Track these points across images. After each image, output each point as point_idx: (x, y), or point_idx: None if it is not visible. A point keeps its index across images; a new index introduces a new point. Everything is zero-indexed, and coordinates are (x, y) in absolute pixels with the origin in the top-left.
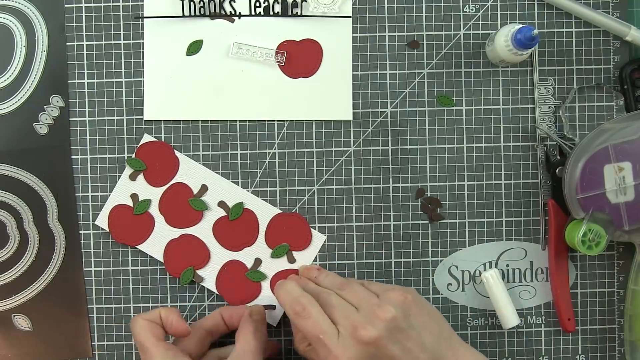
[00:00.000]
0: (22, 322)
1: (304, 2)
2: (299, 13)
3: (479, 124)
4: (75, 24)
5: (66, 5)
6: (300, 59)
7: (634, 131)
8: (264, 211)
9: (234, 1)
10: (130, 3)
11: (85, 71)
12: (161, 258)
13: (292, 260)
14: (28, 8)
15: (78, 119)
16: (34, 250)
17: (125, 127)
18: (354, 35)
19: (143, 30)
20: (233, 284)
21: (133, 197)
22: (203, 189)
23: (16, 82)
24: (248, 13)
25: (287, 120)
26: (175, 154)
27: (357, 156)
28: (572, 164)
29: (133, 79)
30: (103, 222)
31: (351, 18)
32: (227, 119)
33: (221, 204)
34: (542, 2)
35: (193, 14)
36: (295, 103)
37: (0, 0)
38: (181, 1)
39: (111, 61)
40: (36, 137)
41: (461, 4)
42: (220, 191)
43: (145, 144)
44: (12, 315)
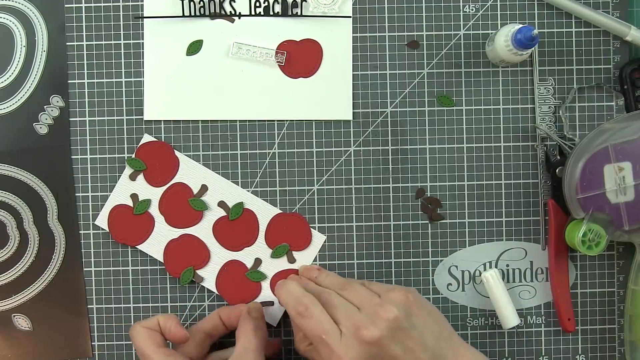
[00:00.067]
0: (22, 322)
1: (304, 2)
2: (299, 13)
3: (479, 124)
4: (75, 24)
5: (66, 5)
6: (300, 59)
7: (634, 131)
8: (264, 211)
9: (234, 1)
10: (130, 3)
11: (85, 71)
12: (161, 258)
13: (292, 260)
14: (28, 8)
15: (78, 119)
16: (34, 250)
17: (125, 127)
18: (354, 35)
19: (143, 30)
20: (233, 284)
21: (133, 197)
22: (203, 189)
23: (16, 82)
24: (248, 13)
25: (287, 120)
26: (175, 154)
27: (357, 156)
28: (572, 164)
29: (133, 79)
30: (103, 222)
31: (351, 18)
32: (227, 119)
33: (221, 204)
34: (542, 2)
35: (193, 14)
36: (295, 103)
37: (0, 0)
38: (181, 1)
39: (111, 61)
40: (36, 137)
41: (461, 4)
42: (220, 191)
43: (145, 144)
44: (12, 315)
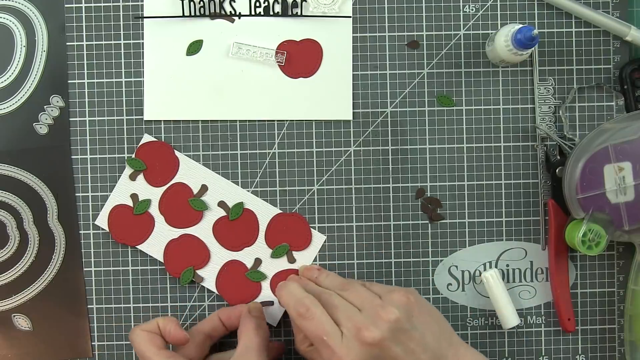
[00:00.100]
0: (22, 322)
1: (304, 2)
2: (299, 13)
3: (479, 124)
4: (75, 24)
5: (66, 5)
6: (300, 59)
7: (634, 131)
8: (264, 211)
9: (234, 1)
10: (130, 3)
11: (85, 71)
12: (161, 258)
13: (292, 260)
14: (28, 8)
15: (78, 119)
16: (34, 250)
17: (125, 127)
18: (354, 35)
19: (143, 30)
20: (233, 284)
21: (133, 197)
22: (203, 189)
23: (16, 82)
24: (248, 13)
25: (287, 120)
26: (175, 154)
27: (357, 156)
28: (572, 164)
29: (133, 79)
30: (103, 222)
31: (351, 18)
32: (227, 119)
33: (221, 204)
34: (542, 2)
35: (193, 14)
36: (295, 103)
37: (0, 0)
38: (181, 1)
39: (111, 61)
40: (36, 137)
41: (461, 4)
42: (220, 191)
43: (145, 144)
44: (12, 315)
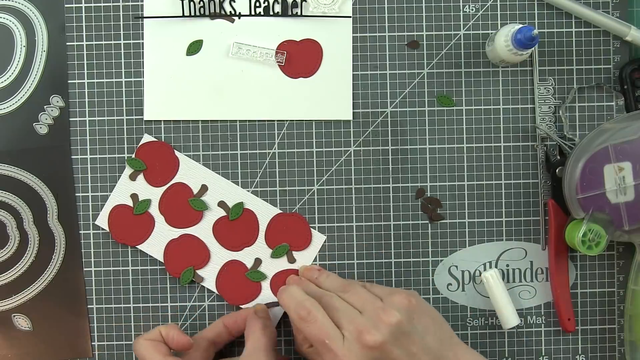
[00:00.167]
0: (22, 322)
1: (304, 2)
2: (299, 13)
3: (479, 124)
4: (75, 24)
5: (66, 5)
6: (300, 59)
7: (634, 131)
8: (264, 211)
9: (234, 1)
10: (130, 3)
11: (85, 71)
12: (161, 258)
13: (292, 260)
14: (28, 8)
15: (78, 119)
16: (34, 250)
17: (125, 127)
18: (354, 35)
19: (143, 30)
20: (233, 284)
21: (133, 197)
22: (203, 189)
23: (16, 82)
24: (248, 13)
25: (287, 120)
26: (175, 154)
27: (357, 156)
28: (572, 164)
29: (133, 79)
30: (103, 222)
31: (351, 18)
32: (227, 119)
33: (221, 204)
34: (542, 2)
35: (193, 14)
36: (295, 103)
37: (0, 0)
38: (181, 1)
39: (111, 61)
40: (36, 137)
41: (461, 4)
42: (220, 191)
43: (145, 144)
44: (12, 315)
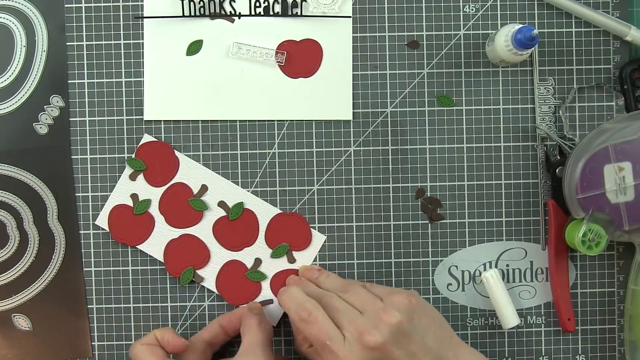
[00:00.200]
0: (22, 322)
1: (304, 2)
2: (299, 13)
3: (479, 124)
4: (75, 24)
5: (66, 5)
6: (300, 59)
7: (634, 131)
8: (264, 211)
9: (234, 1)
10: (130, 3)
11: (85, 71)
12: (161, 258)
13: (292, 260)
14: (28, 8)
15: (78, 119)
16: (34, 250)
17: (125, 127)
18: (354, 35)
19: (143, 30)
20: (233, 284)
21: (133, 197)
22: (203, 189)
23: (16, 82)
24: (248, 13)
25: (287, 120)
26: (175, 154)
27: (357, 156)
28: (572, 164)
29: (133, 79)
30: (103, 222)
31: (351, 18)
32: (227, 119)
33: (221, 204)
34: (542, 2)
35: (193, 14)
36: (295, 103)
37: (0, 0)
38: (181, 1)
39: (111, 61)
40: (36, 137)
41: (461, 4)
42: (220, 191)
43: (145, 144)
44: (12, 315)
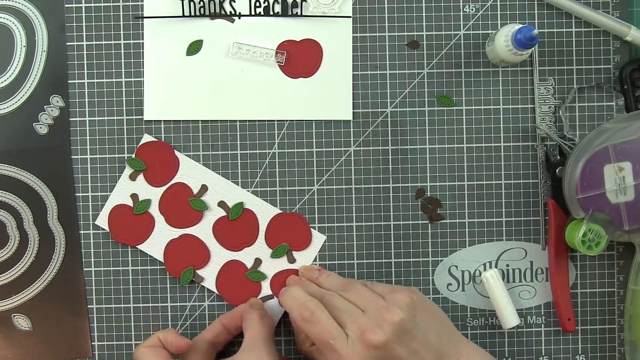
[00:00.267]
0: (22, 322)
1: (304, 2)
2: (299, 13)
3: (479, 124)
4: (75, 24)
5: (66, 5)
6: (300, 59)
7: (634, 131)
8: (264, 211)
9: (234, 1)
10: (130, 3)
11: (85, 71)
12: (161, 258)
13: (292, 260)
14: (28, 8)
15: (78, 119)
16: (34, 250)
17: (125, 127)
18: (354, 35)
19: (143, 30)
20: (233, 284)
21: (133, 197)
22: (203, 189)
23: (16, 82)
24: (248, 13)
25: (287, 120)
26: (175, 154)
27: (357, 156)
28: (572, 164)
29: (133, 79)
30: (103, 222)
31: (351, 18)
32: (227, 119)
33: (221, 204)
34: (542, 2)
35: (193, 14)
36: (295, 103)
37: (0, 0)
38: (181, 1)
39: (111, 61)
40: (36, 137)
41: (461, 4)
42: (220, 191)
43: (145, 144)
44: (12, 315)
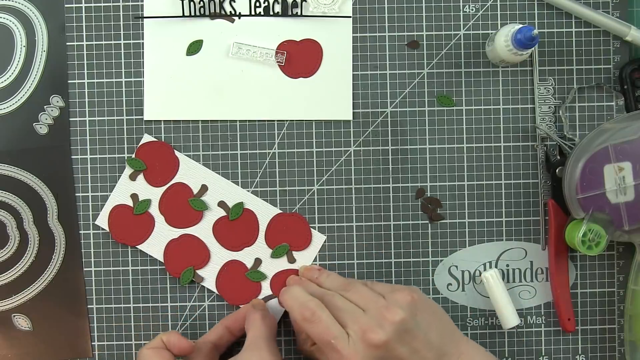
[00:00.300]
0: (22, 322)
1: (304, 2)
2: (299, 13)
3: (479, 124)
4: (75, 24)
5: (66, 5)
6: (300, 59)
7: (634, 131)
8: (264, 211)
9: (234, 1)
10: (130, 3)
11: (85, 71)
12: (161, 258)
13: (292, 260)
14: (28, 8)
15: (78, 119)
16: (34, 250)
17: (125, 127)
18: (354, 35)
19: (143, 30)
20: (233, 284)
21: (133, 197)
22: (203, 189)
23: (16, 82)
24: (248, 13)
25: (287, 120)
26: (175, 154)
27: (357, 156)
28: (572, 164)
29: (133, 79)
30: (103, 222)
31: (351, 18)
32: (227, 119)
33: (221, 204)
34: (542, 2)
35: (193, 14)
36: (295, 103)
37: (0, 0)
38: (181, 1)
39: (111, 61)
40: (36, 137)
41: (461, 4)
42: (220, 191)
43: (145, 144)
44: (12, 315)
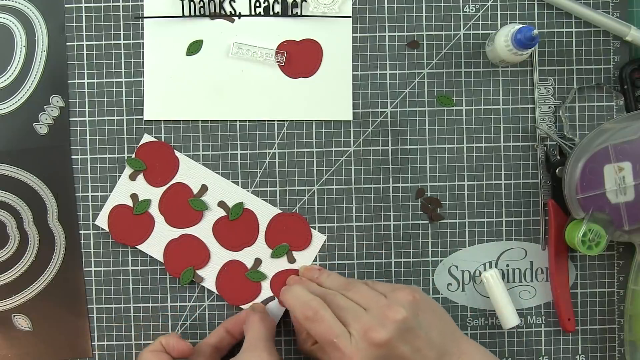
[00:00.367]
0: (22, 322)
1: (304, 2)
2: (299, 13)
3: (479, 124)
4: (75, 24)
5: (66, 5)
6: (300, 59)
7: (634, 131)
8: (264, 211)
9: (234, 1)
10: (130, 3)
11: (85, 71)
12: (161, 258)
13: (292, 260)
14: (28, 8)
15: (78, 119)
16: (34, 250)
17: (125, 127)
18: (354, 35)
19: (143, 30)
20: (233, 284)
21: (133, 197)
22: (203, 189)
23: (16, 82)
24: (248, 13)
25: (287, 120)
26: (175, 154)
27: (357, 156)
28: (572, 164)
29: (133, 79)
30: (103, 222)
31: (351, 18)
32: (227, 119)
33: (221, 204)
34: (542, 2)
35: (193, 14)
36: (295, 103)
37: (0, 0)
38: (181, 1)
39: (111, 61)
40: (36, 137)
41: (461, 4)
42: (220, 191)
43: (145, 144)
44: (12, 315)
